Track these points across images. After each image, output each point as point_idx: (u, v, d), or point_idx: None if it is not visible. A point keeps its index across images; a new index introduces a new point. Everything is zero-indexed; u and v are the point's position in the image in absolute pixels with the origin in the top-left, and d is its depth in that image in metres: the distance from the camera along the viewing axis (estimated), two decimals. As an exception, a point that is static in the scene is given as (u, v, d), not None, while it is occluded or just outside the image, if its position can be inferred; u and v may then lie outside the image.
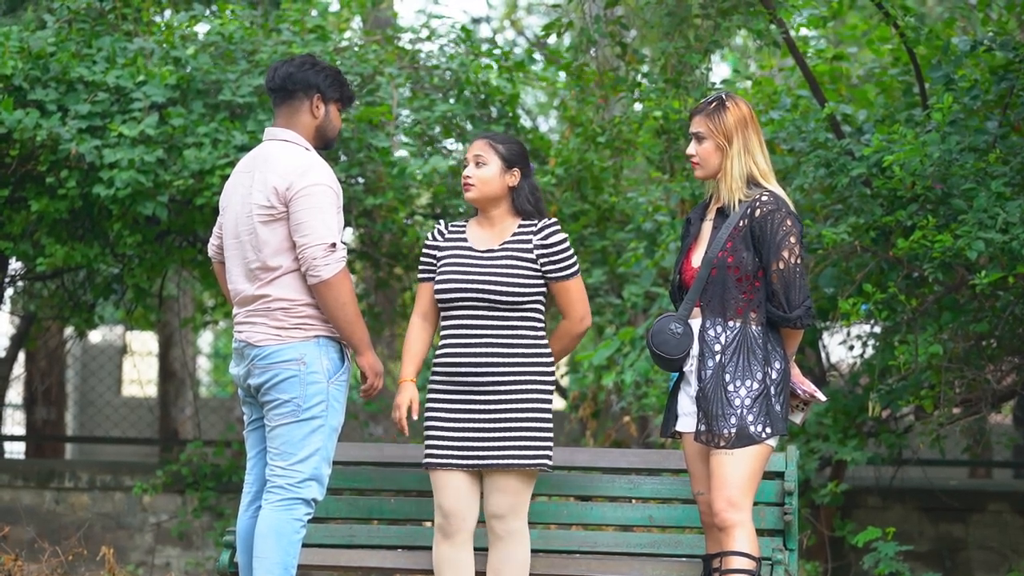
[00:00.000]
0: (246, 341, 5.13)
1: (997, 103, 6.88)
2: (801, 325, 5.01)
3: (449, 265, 5.29)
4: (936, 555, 8.64)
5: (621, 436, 9.32)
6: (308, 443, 5.07)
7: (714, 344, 5.01)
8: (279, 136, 5.19)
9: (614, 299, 9.08)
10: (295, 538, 5.05)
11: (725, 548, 4.94)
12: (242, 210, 5.13)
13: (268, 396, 5.10)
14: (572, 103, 9.45)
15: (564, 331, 5.34)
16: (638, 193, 8.92)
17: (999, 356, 7.05)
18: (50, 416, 12.25)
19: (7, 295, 10.13)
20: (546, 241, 5.25)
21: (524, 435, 5.17)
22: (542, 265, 5.24)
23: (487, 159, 5.30)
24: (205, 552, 9.13)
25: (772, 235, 4.96)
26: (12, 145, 7.60)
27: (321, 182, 5.04)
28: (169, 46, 8.03)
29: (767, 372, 4.99)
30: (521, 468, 5.16)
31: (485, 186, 5.29)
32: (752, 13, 6.91)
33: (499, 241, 5.29)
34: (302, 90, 5.18)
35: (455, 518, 5.20)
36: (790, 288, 4.97)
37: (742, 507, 4.94)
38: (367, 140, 7.97)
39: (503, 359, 5.20)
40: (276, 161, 5.09)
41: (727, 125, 5.05)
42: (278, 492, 5.07)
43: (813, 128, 7.30)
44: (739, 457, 4.94)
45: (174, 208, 7.95)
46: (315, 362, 5.08)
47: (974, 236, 6.17)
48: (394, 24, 10.50)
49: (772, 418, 4.97)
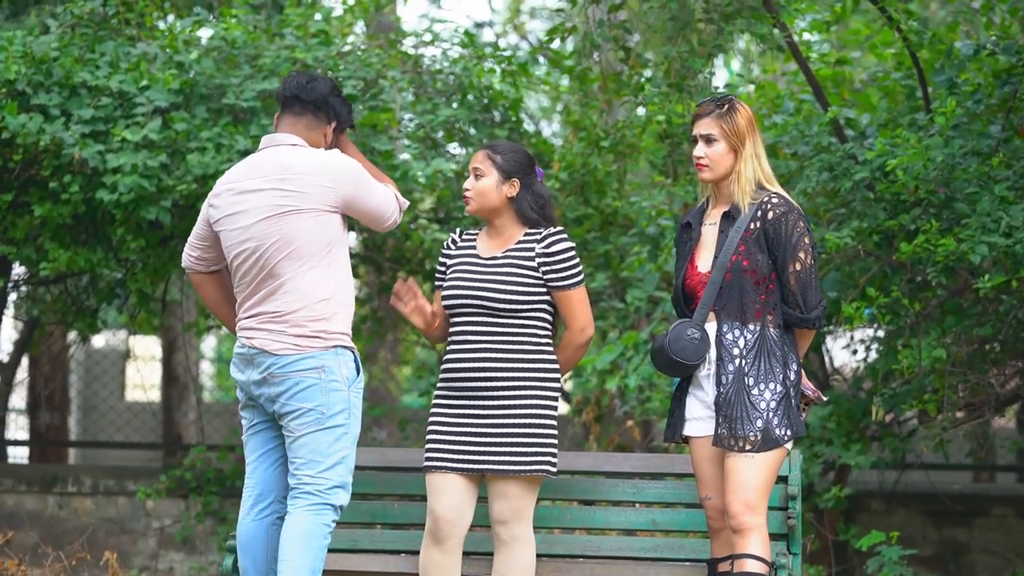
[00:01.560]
0: (260, 348, 5.10)
1: (1000, 107, 6.88)
2: (818, 325, 5.02)
3: (456, 273, 5.31)
4: (940, 559, 8.64)
5: (625, 440, 9.31)
6: (335, 450, 5.07)
7: (733, 348, 4.98)
8: (287, 141, 5.17)
9: (617, 303, 9.07)
10: (323, 543, 5.05)
11: (738, 550, 4.92)
12: (259, 215, 5.10)
13: (289, 406, 5.08)
14: (575, 107, 9.46)
15: (567, 342, 5.33)
16: (641, 197, 8.91)
17: (1003, 360, 7.05)
18: (53, 421, 12.26)
19: (10, 300, 10.14)
20: (548, 249, 5.25)
21: (526, 440, 5.16)
22: (544, 273, 5.24)
23: (484, 171, 5.30)
24: (209, 556, 9.13)
25: (787, 237, 4.96)
26: (15, 150, 7.61)
27: (349, 162, 5.14)
28: (172, 51, 8.03)
29: (786, 374, 4.98)
30: (520, 474, 5.16)
31: (482, 198, 5.29)
32: (755, 17, 6.91)
33: (502, 249, 5.29)
34: (324, 113, 5.21)
35: (446, 523, 5.20)
36: (807, 289, 4.97)
37: (759, 511, 4.92)
38: (370, 144, 7.97)
39: (504, 364, 5.19)
40: (297, 160, 5.09)
41: (740, 127, 5.03)
42: (308, 497, 5.06)
43: (816, 132, 7.30)
44: (759, 461, 4.92)
45: (177, 213, 7.95)
46: (336, 370, 5.07)
47: (977, 240, 6.17)
48: (397, 28, 10.50)
49: (793, 420, 4.97)
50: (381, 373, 14.58)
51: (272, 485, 5.26)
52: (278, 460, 5.25)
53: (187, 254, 5.36)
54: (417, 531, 5.71)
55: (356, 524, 5.81)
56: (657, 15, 7.27)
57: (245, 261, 5.12)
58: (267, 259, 5.07)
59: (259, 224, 5.08)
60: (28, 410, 12.66)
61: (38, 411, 12.16)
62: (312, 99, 5.20)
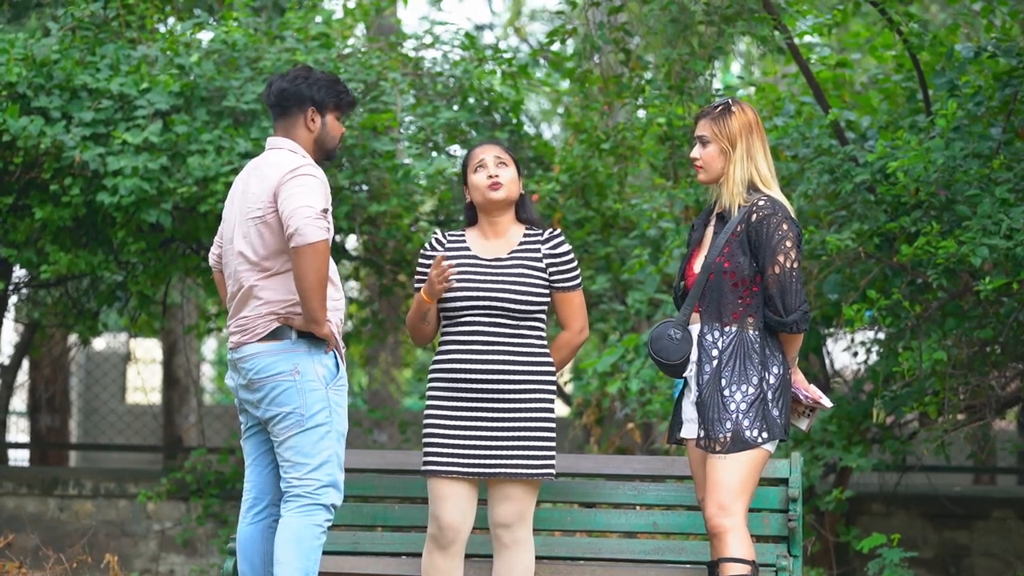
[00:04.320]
0: (239, 353, 5.13)
1: (1001, 109, 6.88)
2: (797, 329, 5.00)
3: (457, 272, 5.29)
4: (940, 562, 8.63)
5: (625, 443, 9.31)
6: (319, 450, 5.06)
7: (712, 349, 5.01)
8: (278, 145, 5.21)
9: (618, 306, 9.07)
10: (315, 544, 5.04)
11: (720, 555, 4.94)
12: (238, 214, 5.14)
13: (269, 411, 5.09)
14: (576, 110, 9.46)
15: (564, 342, 5.34)
16: (642, 200, 8.92)
17: (1003, 362, 7.05)
18: (54, 423, 12.25)
19: (11, 303, 10.14)
20: (555, 251, 5.27)
21: (531, 444, 5.17)
22: (551, 275, 5.25)
23: (507, 161, 5.33)
24: (209, 559, 9.13)
25: (768, 239, 4.97)
26: (16, 153, 7.61)
27: (307, 173, 5.03)
28: (173, 53, 8.03)
29: (764, 377, 4.98)
30: (528, 478, 5.16)
31: (511, 187, 5.32)
32: (756, 19, 6.91)
33: (507, 250, 5.29)
34: (296, 105, 5.18)
35: (451, 530, 5.19)
36: (786, 292, 4.96)
37: (732, 512, 4.94)
38: (371, 147, 7.97)
39: (512, 367, 5.19)
40: (269, 166, 5.11)
41: (731, 130, 5.05)
42: (297, 499, 5.06)
43: (817, 135, 7.30)
44: (731, 462, 4.94)
45: (178, 215, 7.95)
46: (309, 370, 5.06)
47: (978, 242, 6.17)
48: (398, 31, 10.50)
49: (769, 423, 4.96)
50: (382, 376, 14.59)
51: (267, 488, 5.27)
52: (273, 463, 5.26)
53: (212, 252, 5.43)
54: (418, 533, 5.71)
55: (357, 526, 5.81)
56: (657, 17, 7.27)
57: (229, 257, 5.20)
58: (250, 252, 5.13)
59: (241, 221, 5.15)
60: (29, 413, 12.65)
61: (39, 414, 12.16)
62: (274, 101, 5.21)
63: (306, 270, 4.90)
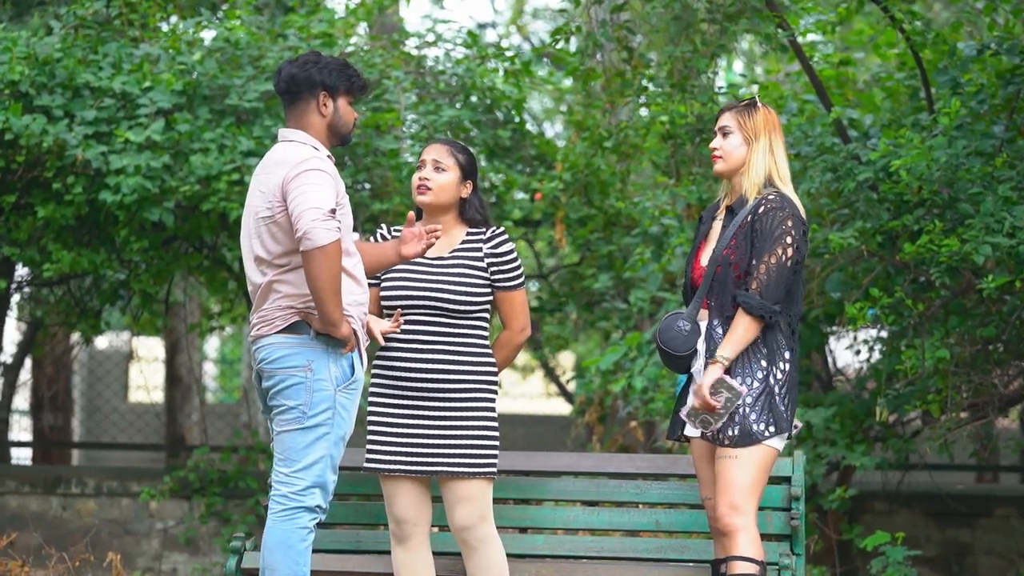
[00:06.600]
0: (257, 344, 5.09)
1: (1004, 107, 6.87)
2: (754, 312, 4.90)
3: (397, 271, 5.27)
4: (943, 560, 8.63)
5: (628, 441, 9.31)
6: (312, 451, 5.02)
7: (720, 342, 5.00)
8: (288, 137, 5.14)
9: (620, 304, 9.07)
10: (302, 547, 5.00)
11: (729, 553, 4.94)
12: (250, 209, 5.12)
13: (275, 401, 5.07)
14: (579, 108, 9.46)
15: (505, 341, 5.34)
16: (644, 198, 8.91)
17: (1006, 360, 7.04)
18: (57, 422, 12.25)
19: (14, 301, 10.14)
20: (497, 250, 5.26)
21: (481, 442, 5.19)
22: (492, 274, 5.25)
23: (446, 166, 5.28)
24: (212, 558, 9.13)
25: (770, 231, 4.96)
26: (19, 151, 7.61)
27: (314, 168, 4.96)
28: (175, 52, 8.03)
29: (771, 371, 4.98)
30: (479, 476, 5.16)
31: (442, 193, 5.27)
32: (759, 17, 6.91)
33: (448, 249, 5.28)
34: (307, 90, 5.10)
35: (407, 524, 5.24)
36: (768, 283, 4.93)
37: (744, 511, 4.94)
38: (374, 145, 7.97)
39: (452, 366, 5.20)
40: (276, 163, 5.06)
41: (756, 122, 5.07)
42: (281, 502, 5.02)
43: (820, 133, 7.29)
44: (743, 461, 4.94)
45: (180, 214, 7.95)
46: (322, 369, 5.02)
47: (981, 240, 6.16)
48: (400, 29, 10.50)
49: (776, 417, 4.96)
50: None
51: None
52: None
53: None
54: (420, 532, 5.71)
55: (359, 525, 5.81)
56: (660, 15, 7.27)
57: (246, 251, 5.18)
58: (260, 250, 5.11)
59: (253, 218, 5.12)
60: (31, 411, 12.66)
61: (41, 412, 12.16)
62: (284, 88, 5.14)
63: (317, 273, 4.86)
